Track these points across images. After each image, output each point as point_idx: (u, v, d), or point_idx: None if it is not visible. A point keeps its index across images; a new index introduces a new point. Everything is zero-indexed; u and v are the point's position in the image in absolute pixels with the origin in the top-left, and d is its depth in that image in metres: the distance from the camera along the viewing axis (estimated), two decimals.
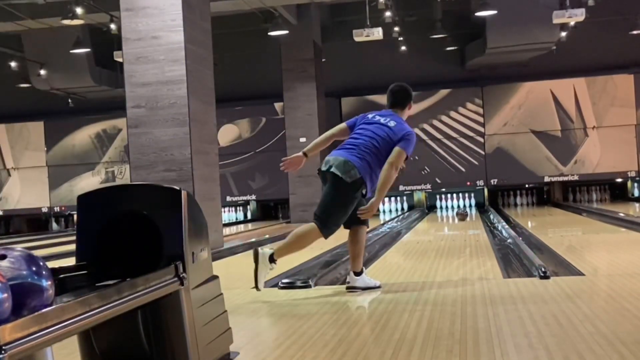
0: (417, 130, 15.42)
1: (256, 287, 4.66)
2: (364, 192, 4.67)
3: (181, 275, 2.48)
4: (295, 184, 14.14)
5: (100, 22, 12.25)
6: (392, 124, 4.75)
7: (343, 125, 5.04)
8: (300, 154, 5.02)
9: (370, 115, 4.90)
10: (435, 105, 15.58)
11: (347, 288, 4.77)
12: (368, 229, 4.95)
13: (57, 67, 14.81)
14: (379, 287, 4.80)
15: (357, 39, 11.87)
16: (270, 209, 16.94)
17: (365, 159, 4.63)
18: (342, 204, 4.65)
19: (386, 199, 16.30)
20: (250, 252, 8.31)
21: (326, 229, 4.67)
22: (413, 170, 15.35)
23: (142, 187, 3.38)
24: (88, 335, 2.47)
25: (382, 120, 4.80)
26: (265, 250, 4.72)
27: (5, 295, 1.60)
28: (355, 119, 4.99)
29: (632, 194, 15.67)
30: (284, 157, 5.36)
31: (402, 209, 16.32)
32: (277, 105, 15.78)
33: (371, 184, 4.67)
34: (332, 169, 4.64)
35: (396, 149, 4.63)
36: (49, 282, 1.78)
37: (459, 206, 15.78)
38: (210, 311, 2.72)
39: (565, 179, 15.44)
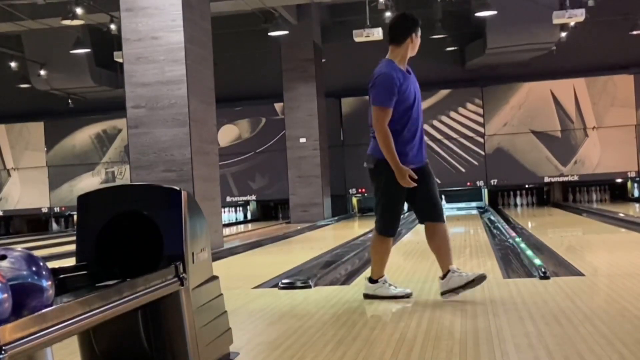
0: None
1: (404, 296, 4.33)
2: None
3: (181, 276, 2.48)
4: (295, 184, 14.15)
5: (100, 22, 12.25)
6: (370, 84, 4.33)
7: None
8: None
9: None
10: (435, 106, 15.58)
11: (442, 293, 4.25)
12: (444, 224, 4.38)
13: (57, 67, 14.81)
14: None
15: (357, 39, 11.87)
16: (270, 209, 16.94)
17: (374, 138, 4.26)
18: (379, 192, 4.27)
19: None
20: (251, 252, 8.34)
21: (385, 230, 4.31)
22: None
23: (142, 187, 3.38)
24: (88, 335, 2.47)
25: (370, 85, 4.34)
26: (369, 286, 4.40)
27: (5, 295, 1.60)
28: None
29: (632, 194, 15.66)
30: (283, 157, 5.24)
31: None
32: (277, 106, 15.78)
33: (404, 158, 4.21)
34: (365, 165, 4.36)
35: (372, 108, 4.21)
36: (49, 282, 1.78)
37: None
38: (210, 311, 2.72)
39: (565, 179, 15.44)
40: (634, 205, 14.30)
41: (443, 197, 16.25)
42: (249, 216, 17.03)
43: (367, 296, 4.42)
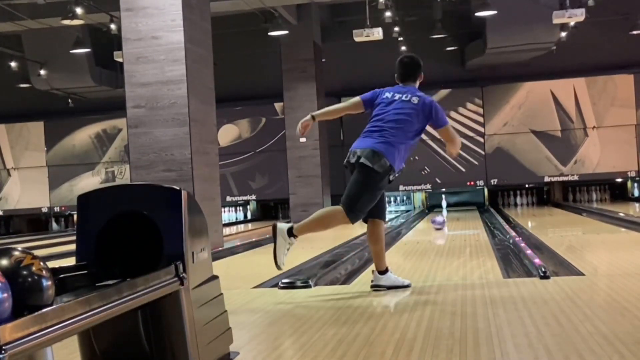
0: None
1: (276, 264, 4.61)
2: (391, 178, 4.61)
3: (181, 275, 2.48)
4: (295, 184, 14.15)
5: (100, 22, 12.25)
6: (415, 100, 4.68)
7: (357, 99, 4.88)
8: (309, 117, 4.96)
9: (388, 94, 4.75)
10: None
11: (372, 286, 4.73)
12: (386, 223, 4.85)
13: (57, 67, 14.81)
14: (407, 285, 4.73)
15: (357, 39, 11.87)
16: (270, 209, 16.94)
17: (391, 142, 4.56)
18: (371, 192, 4.58)
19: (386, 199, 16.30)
20: (251, 252, 8.34)
21: (353, 215, 4.58)
22: (413, 171, 15.34)
23: (142, 187, 3.37)
24: (88, 335, 2.47)
25: (403, 97, 4.70)
26: (283, 225, 4.63)
27: (5, 295, 1.60)
28: (370, 94, 4.85)
29: (632, 194, 15.67)
30: (283, 157, 5.36)
31: (403, 207, 16.33)
32: (277, 105, 15.78)
33: (398, 166, 4.63)
34: (362, 160, 4.54)
35: (439, 131, 4.81)
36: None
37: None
38: (210, 311, 2.72)
39: (565, 179, 15.44)
40: (634, 205, 14.30)
41: (443, 196, 16.32)
42: (249, 216, 17.03)
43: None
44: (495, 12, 12.16)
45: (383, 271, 4.73)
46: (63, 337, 1.75)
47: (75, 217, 15.41)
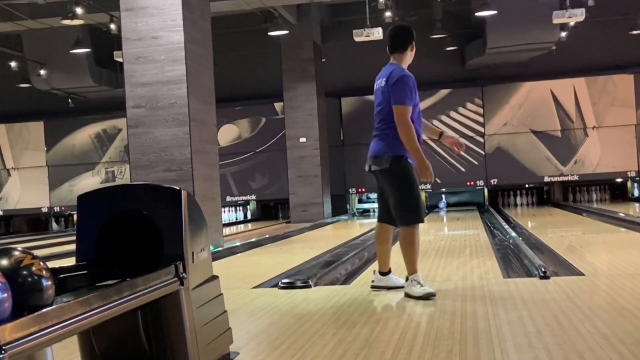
0: None
1: (433, 294, 4.36)
2: (410, 160, 4.52)
3: (181, 275, 2.48)
4: (295, 184, 14.15)
5: (100, 22, 12.25)
6: (382, 82, 4.59)
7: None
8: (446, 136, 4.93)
9: (375, 86, 4.74)
10: (435, 105, 15.58)
11: (372, 287, 4.74)
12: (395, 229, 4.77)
13: (57, 67, 14.81)
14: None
15: (357, 39, 11.87)
16: (270, 209, 16.95)
17: (383, 136, 4.55)
18: (406, 186, 4.49)
19: None
20: (251, 252, 8.34)
21: (412, 217, 4.49)
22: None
23: (142, 187, 3.37)
24: (88, 335, 2.47)
25: (379, 83, 4.65)
26: (407, 287, 4.45)
27: (5, 295, 1.60)
28: None
29: (632, 194, 15.67)
30: (283, 157, 5.32)
31: None
32: (277, 105, 15.78)
33: (406, 151, 4.53)
34: (373, 168, 4.60)
35: (393, 109, 4.47)
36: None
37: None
38: (210, 311, 2.72)
39: (565, 179, 15.44)
40: (634, 205, 14.29)
41: (443, 196, 16.32)
42: (249, 216, 17.03)
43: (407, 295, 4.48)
44: (495, 12, 12.16)
45: (385, 272, 4.74)
46: (63, 337, 1.75)
47: (75, 217, 15.42)
